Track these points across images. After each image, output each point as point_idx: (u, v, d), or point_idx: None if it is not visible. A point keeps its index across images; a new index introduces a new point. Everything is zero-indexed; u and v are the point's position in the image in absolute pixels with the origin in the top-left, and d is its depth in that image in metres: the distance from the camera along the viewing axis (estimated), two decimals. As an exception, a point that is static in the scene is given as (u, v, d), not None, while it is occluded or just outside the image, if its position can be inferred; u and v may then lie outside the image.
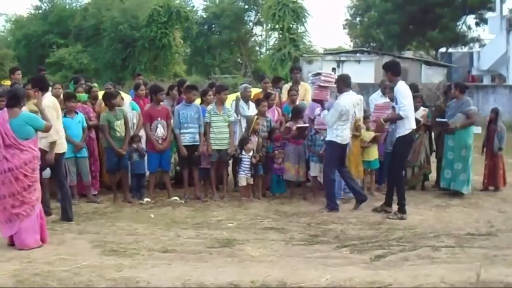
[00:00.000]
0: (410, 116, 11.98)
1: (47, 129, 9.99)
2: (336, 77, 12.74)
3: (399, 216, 11.89)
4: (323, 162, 13.05)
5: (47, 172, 12.54)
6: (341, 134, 12.36)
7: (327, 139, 12.59)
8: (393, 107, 12.25)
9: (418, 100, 14.31)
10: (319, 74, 13.02)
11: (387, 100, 13.50)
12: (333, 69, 35.20)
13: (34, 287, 7.55)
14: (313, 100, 13.28)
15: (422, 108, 14.34)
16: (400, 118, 11.92)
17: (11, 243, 9.71)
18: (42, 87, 11.01)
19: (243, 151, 13.44)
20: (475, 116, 13.86)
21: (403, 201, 12.07)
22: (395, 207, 12.15)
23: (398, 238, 10.24)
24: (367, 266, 8.65)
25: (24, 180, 9.63)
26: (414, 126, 12.17)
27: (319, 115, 13.13)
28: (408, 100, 11.99)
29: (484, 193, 14.36)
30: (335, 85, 12.61)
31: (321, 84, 12.71)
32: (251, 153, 13.40)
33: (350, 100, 12.44)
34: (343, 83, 12.60)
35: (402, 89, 12.01)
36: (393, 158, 12.56)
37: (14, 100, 9.95)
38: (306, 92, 15.20)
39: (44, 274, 8.05)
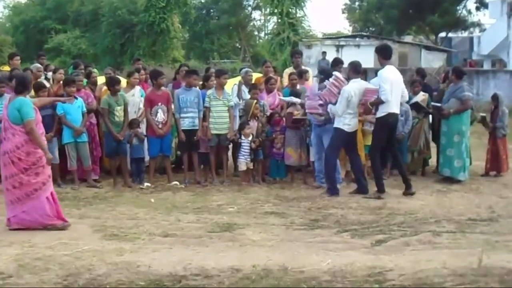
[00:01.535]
0: (390, 100, 12.13)
1: (28, 125, 9.75)
2: (345, 83, 12.68)
3: (377, 195, 12.21)
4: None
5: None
6: (348, 122, 12.42)
7: (334, 125, 12.58)
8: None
9: (417, 85, 14.35)
10: (326, 72, 13.10)
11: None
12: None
13: (36, 272, 7.54)
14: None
15: (421, 93, 14.32)
16: (382, 102, 12.14)
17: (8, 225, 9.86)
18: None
19: (242, 135, 13.42)
20: (470, 102, 13.72)
21: (380, 181, 12.48)
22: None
23: (399, 223, 10.23)
24: (368, 251, 8.65)
25: (19, 163, 9.71)
26: (391, 110, 12.28)
27: (308, 97, 13.28)
28: (388, 85, 12.12)
29: (485, 179, 14.31)
30: (377, 92, 12.50)
31: (330, 88, 12.72)
32: (250, 138, 13.38)
33: (356, 87, 12.46)
34: (353, 71, 12.68)
35: (384, 74, 12.24)
36: (372, 139, 12.87)
37: (20, 86, 10.08)
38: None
39: (45, 259, 8.07)
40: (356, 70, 12.68)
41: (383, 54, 12.62)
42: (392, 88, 12.18)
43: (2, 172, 10.00)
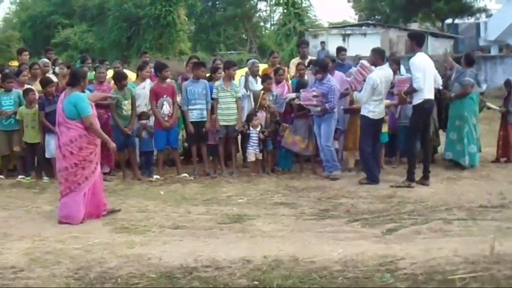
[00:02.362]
0: (423, 87, 12.09)
1: (87, 121, 9.94)
2: (371, 70, 12.71)
3: (407, 183, 12.16)
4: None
5: (54, 151, 12.67)
6: (373, 109, 12.53)
7: (361, 113, 12.70)
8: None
9: None
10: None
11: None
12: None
13: (47, 265, 7.54)
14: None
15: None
16: (415, 90, 12.14)
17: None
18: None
19: (250, 126, 13.40)
20: (469, 87, 13.68)
21: (412, 170, 12.38)
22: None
23: (410, 212, 10.20)
24: (379, 240, 8.62)
25: (70, 158, 9.93)
26: (426, 96, 12.26)
27: (305, 90, 13.33)
28: (421, 73, 12.08)
29: (495, 165, 14.29)
30: (409, 81, 12.56)
31: (356, 76, 12.82)
32: (258, 128, 13.36)
33: (382, 75, 12.53)
34: (379, 57, 12.78)
35: (416, 61, 12.17)
36: (409, 127, 12.87)
37: (72, 79, 10.31)
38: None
39: (56, 252, 8.06)
40: (381, 57, 12.81)
41: (418, 41, 12.62)
42: (425, 75, 12.18)
43: (57, 165, 10.25)
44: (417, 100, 12.25)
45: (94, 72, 14.93)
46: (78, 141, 9.92)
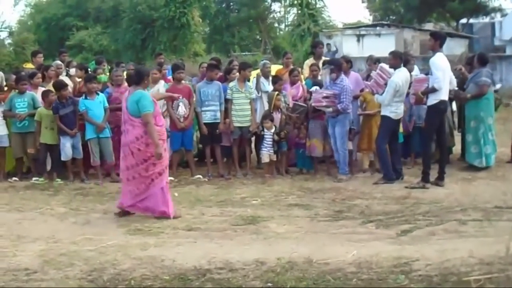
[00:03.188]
0: (443, 87, 12.12)
1: (145, 119, 10.08)
2: (391, 73, 12.74)
3: (421, 184, 12.14)
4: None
5: (69, 154, 12.74)
6: (395, 110, 12.65)
7: (382, 113, 12.77)
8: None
9: None
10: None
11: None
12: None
13: (60, 267, 7.54)
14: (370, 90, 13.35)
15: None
16: (434, 90, 12.10)
17: (124, 213, 10.42)
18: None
19: (264, 128, 13.38)
20: (485, 87, 13.63)
21: (427, 170, 12.34)
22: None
23: (424, 213, 10.16)
24: (394, 241, 8.58)
25: (138, 154, 10.17)
26: (442, 97, 12.25)
27: (315, 91, 13.37)
28: (441, 73, 12.08)
29: (510, 165, 14.15)
30: (427, 81, 12.55)
31: (376, 79, 12.83)
32: (273, 130, 13.34)
33: (403, 77, 12.60)
34: (399, 60, 12.82)
35: (437, 61, 12.16)
36: (424, 128, 12.92)
37: (136, 78, 10.58)
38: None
39: (70, 254, 8.05)
40: (400, 59, 12.84)
41: (442, 41, 12.56)
42: (444, 75, 12.19)
43: (123, 163, 10.36)
44: (433, 100, 12.20)
45: (108, 74, 14.96)
46: (144, 137, 10.12)
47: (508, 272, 6.96)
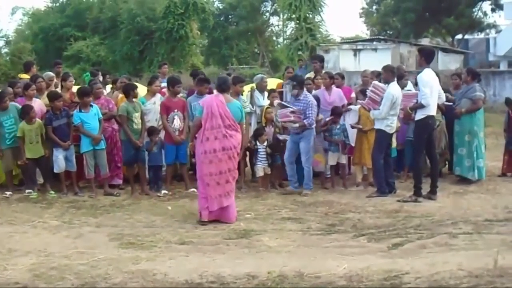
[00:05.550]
0: (431, 103, 12.22)
1: (243, 126, 11.28)
2: (385, 89, 12.79)
3: (414, 198, 12.23)
4: (341, 151, 13.58)
5: (62, 166, 12.75)
6: (390, 124, 12.72)
7: (376, 127, 12.81)
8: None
9: None
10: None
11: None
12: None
13: (51, 281, 7.57)
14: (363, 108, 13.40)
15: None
16: (422, 106, 12.20)
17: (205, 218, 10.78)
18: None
19: (258, 142, 13.42)
20: (480, 102, 13.85)
21: (419, 185, 12.45)
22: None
23: (416, 226, 10.22)
24: (385, 255, 8.63)
25: (235, 159, 10.90)
26: (430, 113, 12.33)
27: (284, 108, 13.36)
28: (429, 89, 12.19)
29: (502, 179, 14.32)
30: (416, 96, 12.64)
31: (371, 96, 12.87)
32: (265, 143, 13.38)
33: (397, 89, 12.72)
34: (391, 74, 12.88)
35: (424, 77, 12.27)
36: (413, 143, 12.99)
37: (224, 86, 11.18)
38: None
39: (61, 268, 8.07)
40: (393, 73, 12.91)
41: (428, 57, 12.66)
42: (432, 91, 12.27)
43: (216, 167, 10.71)
44: (420, 115, 12.29)
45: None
46: (240, 144, 11.05)
47: (496, 285, 7.05)
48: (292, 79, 13.85)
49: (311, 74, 15.89)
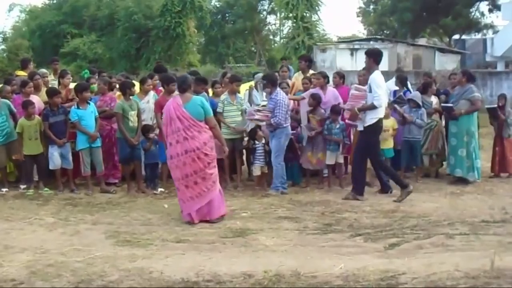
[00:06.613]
0: (383, 105, 12.18)
1: (213, 122, 10.98)
2: (365, 90, 12.58)
3: (405, 194, 12.22)
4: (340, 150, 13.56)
5: (58, 163, 12.73)
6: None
7: (360, 128, 12.56)
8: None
9: (432, 91, 14.45)
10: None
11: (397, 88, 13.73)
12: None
13: (47, 278, 7.56)
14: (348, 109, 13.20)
15: (433, 96, 14.43)
16: (374, 107, 12.03)
17: (191, 221, 10.65)
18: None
19: (255, 140, 13.41)
20: (479, 103, 13.87)
21: (362, 185, 12.62)
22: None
23: (412, 226, 10.20)
24: (381, 255, 8.62)
25: (204, 159, 10.62)
26: (381, 116, 12.24)
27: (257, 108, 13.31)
28: (382, 90, 12.12)
29: (498, 180, 14.30)
30: (364, 97, 12.46)
31: (355, 98, 12.72)
32: (263, 141, 13.37)
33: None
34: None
35: (378, 79, 12.09)
36: (364, 147, 12.55)
37: (184, 85, 10.94)
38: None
39: (57, 265, 8.07)
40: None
41: (376, 59, 12.41)
42: (384, 94, 12.24)
43: (181, 171, 10.66)
44: (372, 119, 12.12)
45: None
46: (210, 141, 10.78)
47: (493, 286, 7.06)
48: (264, 78, 13.83)
49: (298, 74, 15.83)
